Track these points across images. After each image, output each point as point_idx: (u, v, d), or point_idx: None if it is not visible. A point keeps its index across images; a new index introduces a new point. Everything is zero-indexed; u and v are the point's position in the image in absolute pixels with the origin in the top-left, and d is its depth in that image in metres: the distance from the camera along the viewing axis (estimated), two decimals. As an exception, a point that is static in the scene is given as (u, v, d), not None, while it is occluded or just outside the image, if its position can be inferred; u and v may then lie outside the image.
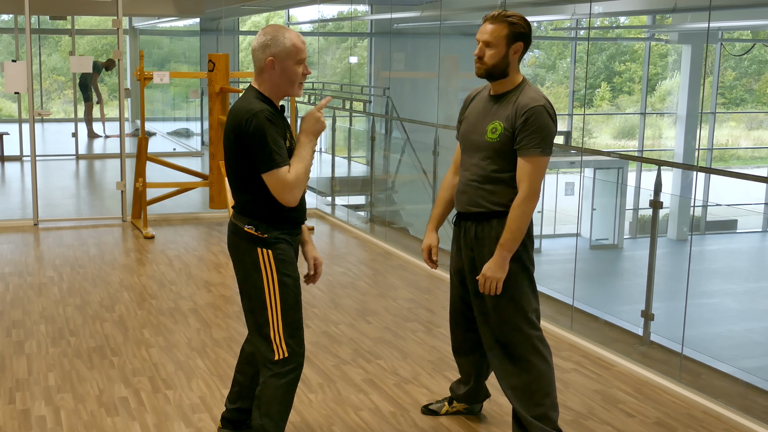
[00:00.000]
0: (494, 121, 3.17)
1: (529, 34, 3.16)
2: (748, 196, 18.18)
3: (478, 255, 3.26)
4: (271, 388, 3.04)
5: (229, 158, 3.02)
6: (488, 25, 3.14)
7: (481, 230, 3.24)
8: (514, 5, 10.52)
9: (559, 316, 5.10)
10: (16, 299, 5.43)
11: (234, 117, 2.94)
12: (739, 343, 9.10)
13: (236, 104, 3.00)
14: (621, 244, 15.71)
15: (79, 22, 16.64)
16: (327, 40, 16.75)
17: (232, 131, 2.95)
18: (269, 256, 3.00)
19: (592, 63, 23.21)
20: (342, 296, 5.58)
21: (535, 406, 3.23)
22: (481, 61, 3.16)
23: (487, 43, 3.13)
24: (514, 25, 3.12)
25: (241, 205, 3.04)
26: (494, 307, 3.25)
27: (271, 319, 3.02)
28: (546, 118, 3.09)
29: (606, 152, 13.68)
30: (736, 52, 20.73)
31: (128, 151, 9.03)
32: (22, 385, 4.03)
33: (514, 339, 3.24)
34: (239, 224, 3.02)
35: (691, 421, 3.75)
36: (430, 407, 3.78)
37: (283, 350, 3.02)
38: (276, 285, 3.01)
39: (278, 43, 2.93)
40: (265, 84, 2.99)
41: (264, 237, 2.99)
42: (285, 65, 2.95)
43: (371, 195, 9.15)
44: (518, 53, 3.15)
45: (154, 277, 6.05)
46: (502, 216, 3.19)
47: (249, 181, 2.96)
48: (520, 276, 3.23)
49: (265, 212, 3.00)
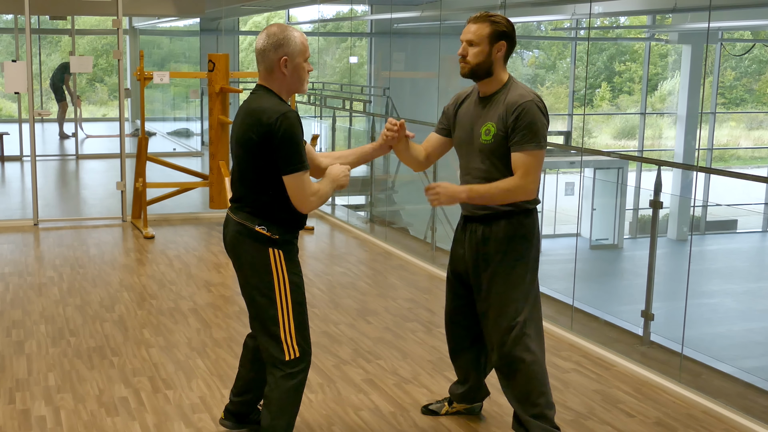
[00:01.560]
0: (486, 123, 3.20)
1: (511, 34, 3.20)
2: (748, 196, 18.18)
3: (482, 254, 3.29)
4: (282, 389, 3.04)
5: (246, 158, 2.99)
6: (471, 25, 3.21)
7: (489, 231, 3.27)
8: (514, 5, 10.53)
9: (559, 316, 5.10)
10: (16, 299, 5.43)
11: (259, 117, 2.91)
12: (739, 343, 9.11)
13: (256, 103, 2.96)
14: (621, 244, 15.72)
15: (79, 22, 16.65)
16: (327, 40, 16.75)
17: (255, 131, 2.91)
18: (280, 257, 3.01)
19: (592, 63, 23.22)
20: (342, 296, 5.58)
21: (531, 406, 3.27)
22: (464, 60, 3.21)
23: (470, 42, 3.19)
24: (496, 23, 3.17)
25: (253, 205, 3.02)
26: (494, 307, 3.28)
27: (282, 319, 3.02)
28: (536, 113, 3.13)
29: (606, 152, 13.68)
30: (736, 52, 20.73)
31: (128, 151, 9.03)
32: (22, 385, 4.03)
33: (507, 339, 3.26)
34: (248, 224, 3.01)
35: (691, 421, 3.75)
36: (430, 407, 3.78)
37: (295, 350, 3.03)
38: (287, 285, 3.02)
39: (290, 42, 2.97)
40: (276, 83, 3.00)
41: (276, 238, 3.00)
42: (296, 63, 2.99)
43: (371, 195, 9.14)
44: (501, 52, 3.19)
45: (154, 277, 6.05)
46: (510, 216, 3.23)
47: (268, 182, 2.97)
48: (524, 276, 3.26)
49: (280, 214, 3.01)
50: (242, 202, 3.06)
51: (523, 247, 3.26)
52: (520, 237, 3.25)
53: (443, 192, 3.21)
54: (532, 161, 3.12)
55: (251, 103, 2.99)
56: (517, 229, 3.24)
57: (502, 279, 3.26)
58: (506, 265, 3.25)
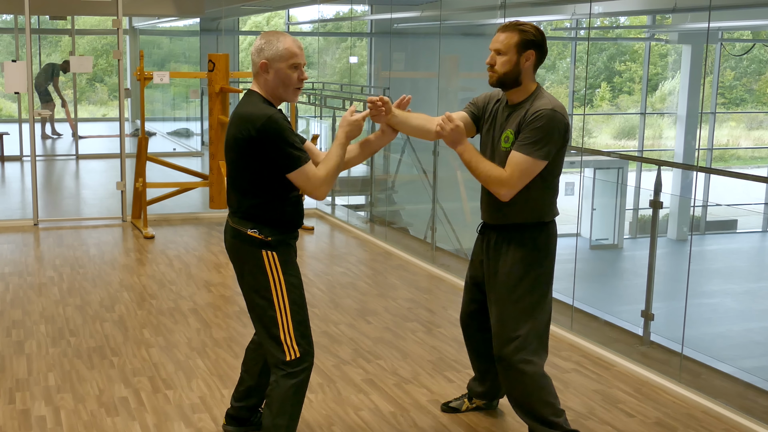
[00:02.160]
0: (507, 130, 3.21)
1: (541, 43, 3.18)
2: (748, 196, 18.17)
3: (494, 264, 3.30)
4: (283, 388, 3.05)
5: (235, 162, 3.01)
6: (500, 34, 3.19)
7: (501, 239, 3.28)
8: (514, 5, 10.52)
9: (559, 316, 5.09)
10: (16, 299, 5.43)
11: (245, 121, 2.93)
12: (739, 343, 9.10)
13: (243, 109, 2.98)
14: (621, 244, 15.72)
15: (79, 22, 16.65)
16: (327, 40, 16.74)
17: (242, 135, 2.93)
18: (274, 258, 3.02)
19: (592, 63, 23.21)
20: (342, 296, 5.58)
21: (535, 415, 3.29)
22: (492, 69, 3.20)
23: (498, 51, 3.17)
24: (524, 33, 3.15)
25: (244, 209, 3.04)
26: (497, 316, 3.29)
27: (281, 320, 3.03)
28: (551, 122, 3.09)
29: (606, 152, 13.70)
30: (736, 52, 20.73)
31: (128, 151, 9.03)
32: (22, 385, 4.03)
33: (507, 350, 3.26)
34: (241, 228, 3.03)
35: (691, 421, 3.75)
36: (450, 405, 3.80)
37: (295, 350, 3.04)
38: (283, 286, 3.03)
39: (272, 46, 2.97)
40: (262, 88, 3.02)
41: (268, 240, 3.01)
42: (277, 68, 2.97)
43: (371, 195, 9.14)
44: (530, 61, 3.17)
45: (154, 277, 6.04)
46: (522, 229, 3.24)
47: (256, 185, 2.98)
48: (535, 289, 3.26)
49: (269, 216, 3.02)
50: (235, 207, 3.08)
51: (534, 259, 3.25)
52: (532, 249, 3.24)
53: (451, 132, 3.21)
54: (526, 167, 3.10)
55: (240, 108, 3.01)
56: (530, 241, 3.24)
57: (508, 289, 3.26)
58: (514, 276, 3.25)
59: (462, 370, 4.29)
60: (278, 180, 2.99)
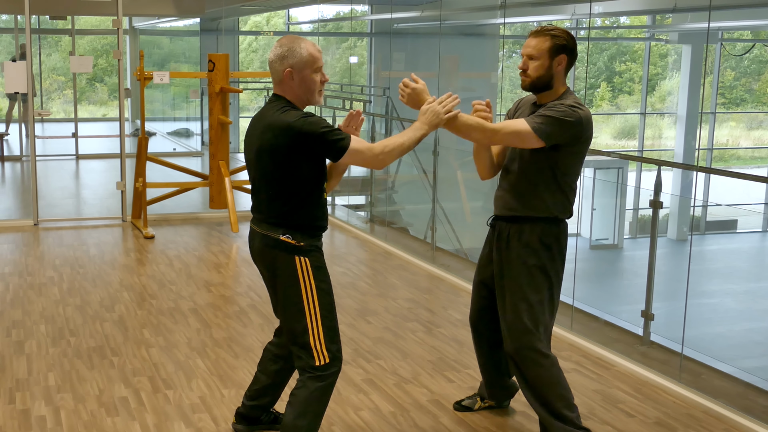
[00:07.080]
0: None
1: (572, 47, 3.20)
2: (748, 196, 18.17)
3: (505, 257, 3.32)
4: (310, 388, 3.04)
5: (269, 169, 2.98)
6: (531, 39, 3.21)
7: (513, 232, 3.29)
8: (514, 5, 10.53)
9: (559, 316, 5.08)
10: (16, 299, 5.43)
11: (284, 129, 2.90)
12: (739, 343, 9.10)
13: (276, 117, 2.94)
14: (621, 244, 15.71)
15: (79, 22, 16.63)
16: (327, 40, 16.74)
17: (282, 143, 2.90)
18: (307, 265, 3.02)
19: (592, 63, 23.21)
20: (342, 296, 5.58)
21: (551, 409, 3.29)
22: (525, 74, 3.22)
23: (530, 56, 3.19)
24: (556, 37, 3.17)
25: (274, 215, 3.02)
26: (509, 308, 3.30)
27: (311, 326, 3.03)
28: (565, 114, 3.10)
29: (606, 152, 13.67)
30: (736, 52, 20.73)
31: (128, 151, 9.03)
32: (22, 385, 4.03)
33: (521, 344, 3.28)
34: (273, 235, 3.01)
35: (691, 421, 3.75)
36: (463, 403, 3.81)
37: (324, 356, 3.03)
38: (315, 292, 3.03)
39: (295, 53, 2.96)
40: (288, 93, 3.01)
41: (301, 245, 3.00)
42: (303, 75, 2.97)
43: (371, 195, 9.14)
44: (562, 65, 3.19)
45: (154, 277, 6.05)
46: (534, 221, 3.25)
47: (290, 190, 2.98)
48: (543, 285, 3.28)
49: (300, 221, 3.01)
50: (264, 213, 3.06)
51: (544, 255, 3.26)
52: (543, 245, 3.26)
53: (410, 96, 3.13)
54: (517, 128, 3.10)
55: (270, 115, 2.97)
56: (541, 237, 3.25)
57: (519, 284, 3.28)
58: (525, 272, 3.27)
59: (462, 370, 4.29)
60: (312, 181, 2.99)
